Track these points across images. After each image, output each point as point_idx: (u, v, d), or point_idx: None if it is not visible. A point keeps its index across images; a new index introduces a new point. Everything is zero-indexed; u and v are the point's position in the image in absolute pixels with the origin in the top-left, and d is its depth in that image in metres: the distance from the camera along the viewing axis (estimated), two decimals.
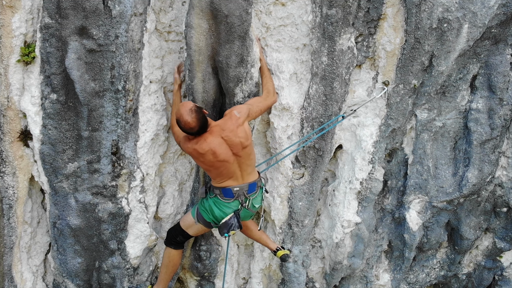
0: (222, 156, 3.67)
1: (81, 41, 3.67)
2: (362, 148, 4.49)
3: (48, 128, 3.90)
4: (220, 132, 3.69)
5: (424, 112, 4.49)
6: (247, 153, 3.80)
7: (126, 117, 3.95)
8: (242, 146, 3.73)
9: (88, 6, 3.57)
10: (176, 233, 4.17)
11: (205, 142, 3.65)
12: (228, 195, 3.85)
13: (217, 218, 3.90)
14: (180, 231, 4.14)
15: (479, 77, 4.43)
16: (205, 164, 3.75)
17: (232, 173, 3.80)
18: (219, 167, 3.72)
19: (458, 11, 3.99)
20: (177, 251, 4.23)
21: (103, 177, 4.04)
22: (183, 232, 4.13)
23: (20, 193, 4.17)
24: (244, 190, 3.86)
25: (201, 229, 4.12)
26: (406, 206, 4.80)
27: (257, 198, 4.00)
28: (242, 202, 3.89)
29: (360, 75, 4.41)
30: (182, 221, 4.17)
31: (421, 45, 4.10)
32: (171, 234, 4.22)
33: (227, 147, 3.69)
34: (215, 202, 3.90)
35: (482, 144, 4.52)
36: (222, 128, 3.70)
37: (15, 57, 3.86)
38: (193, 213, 4.06)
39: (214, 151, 3.65)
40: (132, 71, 3.84)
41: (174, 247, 4.20)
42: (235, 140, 3.70)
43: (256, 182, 3.94)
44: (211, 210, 3.90)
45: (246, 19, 3.83)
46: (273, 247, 4.36)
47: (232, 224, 3.84)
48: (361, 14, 4.14)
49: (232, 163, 3.74)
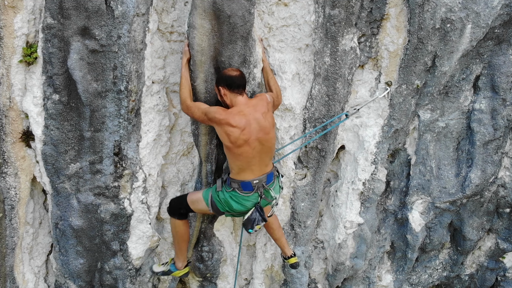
0: (249, 135, 3.54)
1: (84, 41, 3.66)
2: (365, 149, 4.48)
3: (50, 129, 3.89)
4: (253, 110, 3.60)
5: (427, 113, 4.47)
6: (271, 142, 3.72)
7: (129, 118, 3.93)
8: (269, 132, 3.66)
9: (90, 6, 3.55)
10: (180, 206, 4.05)
11: (238, 115, 3.54)
12: (247, 188, 3.72)
13: (234, 210, 3.79)
14: (185, 205, 4.02)
15: (482, 78, 4.42)
16: (229, 140, 3.55)
17: (249, 160, 3.65)
18: (240, 147, 3.57)
19: (461, 11, 3.98)
20: (182, 221, 4.09)
21: (105, 178, 4.03)
22: (188, 207, 4.01)
23: (22, 194, 4.16)
24: (263, 181, 3.74)
25: (208, 212, 4.01)
26: (409, 207, 4.79)
27: (276, 187, 3.89)
28: (261, 194, 3.76)
29: (363, 76, 4.40)
30: (190, 199, 4.02)
31: (424, 45, 4.09)
32: (174, 204, 4.10)
33: (255, 128, 3.57)
34: (232, 196, 3.76)
35: (485, 144, 4.51)
36: (255, 107, 3.63)
37: (17, 58, 3.84)
38: (206, 199, 3.91)
39: (244, 127, 3.52)
40: (134, 72, 3.82)
41: (178, 218, 4.07)
42: (265, 123, 3.62)
43: (273, 172, 3.83)
44: (227, 203, 3.78)
45: (248, 20, 3.82)
46: (287, 252, 4.35)
47: (255, 219, 3.74)
48: (364, 15, 4.13)
49: (253, 148, 3.60)
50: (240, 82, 3.61)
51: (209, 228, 4.65)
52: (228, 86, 3.61)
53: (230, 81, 3.59)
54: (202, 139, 4.17)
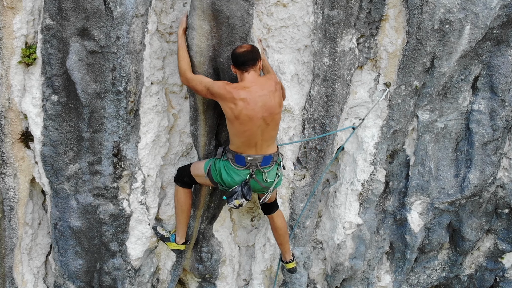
0: (253, 112, 3.50)
1: (82, 42, 3.66)
2: (364, 150, 4.49)
3: (49, 130, 3.89)
4: (260, 88, 3.55)
5: (426, 113, 4.48)
6: (276, 122, 3.68)
7: (128, 119, 3.94)
8: (274, 111, 3.61)
9: (89, 7, 3.55)
10: (184, 174, 4.09)
11: (243, 90, 3.51)
12: (240, 162, 3.71)
13: (224, 182, 3.80)
14: (188, 174, 4.05)
15: (481, 78, 4.42)
16: (232, 114, 3.52)
17: (252, 139, 3.62)
18: (243, 124, 3.54)
19: (460, 12, 3.99)
20: (184, 190, 4.12)
21: (104, 179, 4.03)
22: (191, 176, 4.04)
23: (21, 194, 4.16)
24: (258, 161, 3.70)
25: (208, 183, 4.00)
26: (408, 208, 4.80)
27: (271, 172, 3.82)
28: (252, 173, 3.72)
29: (362, 76, 4.40)
30: (193, 167, 4.05)
31: (422, 46, 4.09)
32: (180, 172, 4.14)
33: (261, 105, 3.53)
34: (225, 165, 3.77)
35: (483, 145, 4.51)
36: (263, 86, 3.58)
37: (16, 59, 3.85)
38: (205, 167, 3.92)
39: (248, 102, 3.49)
40: (133, 73, 3.82)
41: (181, 185, 4.11)
42: (271, 102, 3.57)
43: (272, 156, 3.77)
44: (220, 172, 3.79)
45: (247, 21, 3.83)
46: (287, 257, 4.40)
47: (236, 192, 3.70)
48: (362, 15, 4.14)
49: (258, 126, 3.57)
50: (245, 59, 3.53)
51: (208, 228, 4.65)
52: (235, 64, 3.59)
53: (235, 58, 3.57)
54: (201, 140, 4.18)
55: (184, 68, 3.73)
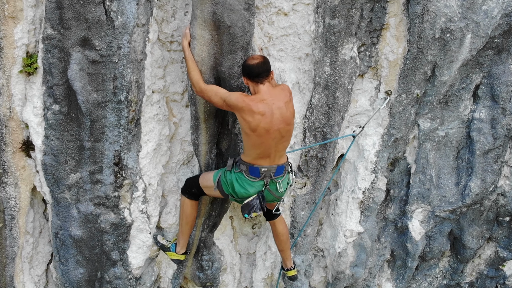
0: (270, 125, 3.50)
1: (84, 52, 3.66)
2: (365, 158, 4.49)
3: (50, 139, 3.89)
4: (276, 99, 3.55)
5: (427, 122, 4.48)
6: (290, 133, 3.68)
7: (129, 128, 3.93)
8: (290, 123, 3.61)
9: (90, 17, 3.55)
10: (192, 185, 4.06)
11: (261, 103, 3.49)
12: (254, 173, 3.69)
13: (236, 194, 3.76)
14: (196, 185, 4.03)
15: (482, 87, 4.42)
16: (249, 127, 3.50)
17: (267, 150, 3.61)
18: (260, 136, 3.53)
19: (461, 21, 3.99)
20: (190, 201, 4.09)
21: (106, 188, 4.03)
22: (199, 188, 4.02)
23: (22, 203, 4.16)
24: (271, 171, 3.69)
25: (217, 194, 3.97)
26: (409, 216, 4.79)
27: (284, 182, 3.82)
28: (266, 183, 3.72)
29: (363, 85, 4.40)
30: (201, 178, 4.03)
31: (423, 55, 4.09)
32: (188, 183, 4.11)
33: (278, 118, 3.52)
34: (238, 178, 3.74)
35: (484, 153, 4.51)
36: (278, 97, 3.57)
37: (17, 68, 3.85)
38: (214, 178, 3.90)
39: (266, 116, 3.48)
40: (134, 82, 3.82)
41: (188, 197, 4.08)
42: (286, 113, 3.58)
43: (284, 165, 3.77)
44: (232, 185, 3.76)
45: (248, 30, 3.83)
46: (288, 265, 4.39)
47: (254, 205, 3.70)
48: (363, 24, 4.14)
49: (273, 138, 3.56)
50: (259, 71, 3.51)
51: (209, 237, 4.65)
52: (248, 76, 3.57)
53: (248, 70, 3.54)
54: (202, 149, 4.18)
55: (196, 78, 3.70)
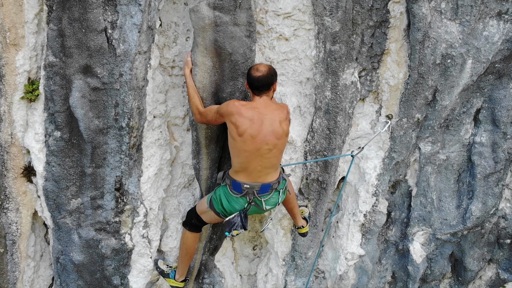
0: (257, 132, 3.43)
1: (85, 79, 3.66)
2: (366, 181, 4.49)
3: (51, 165, 3.89)
4: (270, 112, 3.50)
5: (428, 145, 4.48)
6: (279, 150, 3.59)
7: (130, 154, 3.93)
8: (280, 138, 3.53)
9: (92, 45, 3.56)
10: (192, 215, 3.99)
11: (251, 109, 3.46)
12: (236, 189, 3.62)
13: (226, 211, 3.70)
14: (195, 214, 3.95)
15: (483, 111, 4.43)
16: (236, 132, 3.44)
17: (252, 163, 3.52)
18: (245, 143, 3.45)
19: (461, 47, 4.00)
20: (192, 234, 4.03)
21: (107, 213, 4.03)
22: (198, 216, 3.93)
23: (23, 228, 4.16)
24: (255, 189, 3.59)
25: (213, 217, 3.86)
26: (410, 238, 4.79)
27: (270, 200, 3.72)
28: (250, 201, 3.64)
29: (364, 108, 4.41)
30: (198, 205, 3.99)
31: (424, 80, 4.10)
32: (188, 215, 4.05)
33: (267, 128, 3.46)
34: (225, 192, 3.69)
35: (486, 177, 4.51)
36: (273, 111, 3.52)
37: (19, 94, 3.85)
38: (207, 198, 3.85)
39: (254, 122, 3.42)
40: (136, 108, 3.83)
41: (189, 229, 4.01)
42: (278, 128, 3.51)
43: (271, 184, 3.65)
44: (220, 200, 3.70)
45: (250, 56, 3.84)
46: (298, 223, 4.29)
47: (235, 223, 3.61)
48: (364, 49, 4.15)
49: (258, 149, 3.47)
50: (259, 85, 3.47)
51: (210, 260, 4.65)
52: (249, 84, 3.54)
53: (250, 80, 3.50)
54: (203, 174, 4.18)
55: (196, 104, 3.69)
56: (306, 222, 4.39)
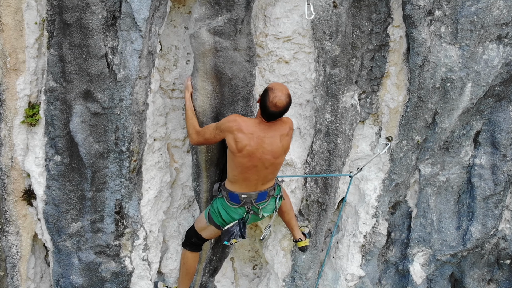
0: (255, 150, 3.41)
1: (86, 104, 3.67)
2: (366, 202, 4.49)
3: (52, 189, 3.89)
4: (272, 130, 3.47)
5: (428, 167, 4.48)
6: (275, 167, 3.59)
7: (130, 177, 3.94)
8: (278, 157, 3.52)
9: (93, 70, 3.57)
10: (191, 234, 3.97)
11: (253, 126, 3.44)
12: (234, 200, 3.64)
13: (226, 222, 3.70)
14: (194, 232, 3.94)
15: (483, 133, 4.43)
16: (236, 147, 3.41)
17: (248, 176, 3.54)
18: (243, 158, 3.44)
19: (461, 71, 4.00)
20: (192, 253, 4.02)
21: (107, 237, 4.03)
22: (197, 234, 3.93)
23: (23, 251, 4.16)
24: (252, 198, 3.63)
25: (213, 232, 3.86)
26: (410, 259, 4.79)
27: (267, 207, 3.76)
28: (248, 210, 3.67)
29: (364, 130, 4.41)
30: (196, 222, 3.98)
31: (424, 103, 4.11)
32: (187, 235, 4.03)
33: (266, 148, 3.45)
34: (223, 204, 3.70)
35: (485, 199, 4.51)
36: (275, 129, 3.48)
37: (19, 118, 3.86)
38: (205, 214, 3.85)
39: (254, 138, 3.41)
40: (136, 133, 3.83)
41: (189, 249, 4.00)
42: (277, 147, 3.48)
43: (267, 191, 3.69)
44: (219, 212, 3.70)
45: (250, 81, 3.85)
46: (296, 236, 4.25)
47: (234, 232, 3.64)
48: (364, 73, 4.16)
49: (255, 165, 3.48)
50: (271, 118, 3.42)
51: (210, 281, 4.65)
52: (262, 111, 3.45)
53: (264, 106, 3.39)
54: (203, 196, 4.18)
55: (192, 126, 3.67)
56: (305, 237, 4.38)
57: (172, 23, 4.00)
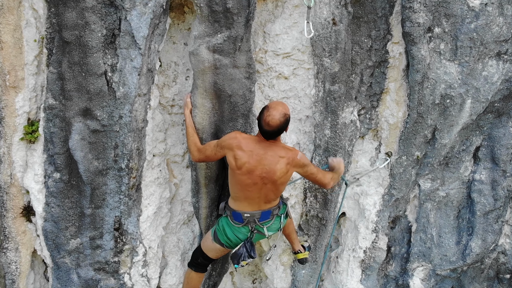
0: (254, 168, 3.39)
1: (85, 121, 3.67)
2: (366, 217, 4.48)
3: (51, 206, 3.89)
4: (272, 151, 3.42)
5: (428, 182, 4.48)
6: (276, 188, 3.54)
7: (129, 194, 3.93)
8: (274, 177, 3.44)
9: (92, 88, 3.57)
10: (197, 255, 3.91)
11: (254, 143, 3.42)
12: (237, 219, 3.61)
13: (231, 240, 3.68)
14: (200, 252, 3.88)
15: (482, 149, 4.42)
16: (236, 164, 3.41)
17: (249, 194, 3.51)
18: (243, 175, 3.43)
19: (461, 87, 4.00)
20: (197, 274, 3.95)
21: (106, 253, 4.02)
22: (204, 254, 3.86)
23: (22, 267, 4.15)
24: (255, 217, 3.59)
25: (219, 251, 3.82)
26: (410, 274, 4.78)
27: (272, 226, 3.71)
28: (252, 229, 3.64)
29: (363, 145, 4.41)
30: (202, 242, 3.94)
31: (423, 119, 4.10)
32: (194, 255, 3.96)
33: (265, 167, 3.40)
34: (228, 223, 3.68)
35: (485, 214, 4.50)
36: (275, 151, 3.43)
37: (18, 135, 3.85)
38: (211, 232, 3.81)
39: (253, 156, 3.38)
40: (135, 150, 3.82)
41: (195, 269, 3.93)
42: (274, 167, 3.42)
43: (271, 210, 3.65)
44: (224, 231, 3.68)
45: (249, 98, 3.84)
46: (295, 248, 4.24)
47: (241, 254, 3.62)
48: (363, 89, 4.16)
49: (255, 183, 3.45)
50: (266, 135, 3.39)
51: None
52: (259, 128, 3.43)
53: (260, 124, 3.38)
54: (202, 212, 4.18)
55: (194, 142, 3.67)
56: (304, 249, 4.36)
57: (171, 40, 4.00)
